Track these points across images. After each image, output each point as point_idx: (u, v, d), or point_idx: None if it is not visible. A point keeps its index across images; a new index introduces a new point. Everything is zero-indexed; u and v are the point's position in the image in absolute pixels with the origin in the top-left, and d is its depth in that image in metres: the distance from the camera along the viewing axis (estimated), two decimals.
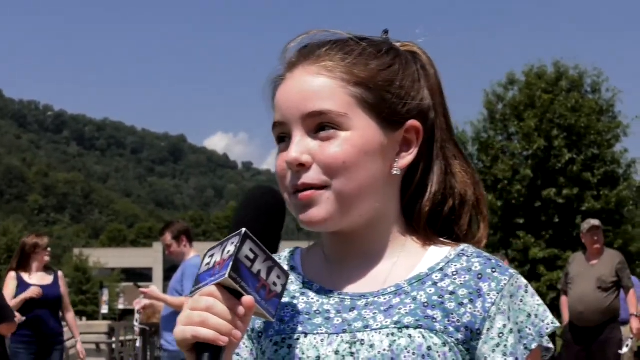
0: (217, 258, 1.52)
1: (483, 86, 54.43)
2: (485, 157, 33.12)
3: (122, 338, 21.79)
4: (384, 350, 1.60)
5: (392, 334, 1.61)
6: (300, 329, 1.69)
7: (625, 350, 10.41)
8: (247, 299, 1.50)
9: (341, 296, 1.72)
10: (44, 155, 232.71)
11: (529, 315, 1.69)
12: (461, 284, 1.68)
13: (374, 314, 1.66)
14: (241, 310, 1.50)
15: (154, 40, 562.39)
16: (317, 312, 1.71)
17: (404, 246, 1.76)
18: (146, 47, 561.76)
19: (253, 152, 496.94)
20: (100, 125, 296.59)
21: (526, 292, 1.71)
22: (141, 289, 8.68)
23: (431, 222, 1.78)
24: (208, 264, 1.54)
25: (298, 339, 1.67)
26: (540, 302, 1.72)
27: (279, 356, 1.67)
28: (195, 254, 9.25)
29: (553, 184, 32.00)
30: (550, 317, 1.71)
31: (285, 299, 1.73)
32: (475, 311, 1.65)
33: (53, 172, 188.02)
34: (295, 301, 1.74)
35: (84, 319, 47.93)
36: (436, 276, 1.70)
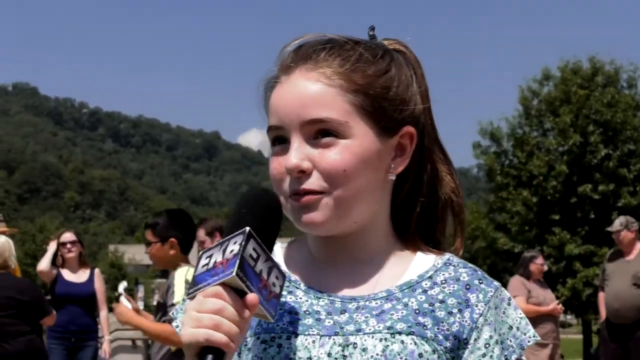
0: (218, 258, 1.49)
1: (518, 82, 54.12)
2: (521, 153, 33.06)
3: None
4: (377, 354, 1.61)
5: (385, 339, 1.62)
6: (290, 328, 1.67)
7: None
8: (251, 296, 1.48)
9: (331, 298, 1.71)
10: (80, 152, 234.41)
11: (511, 327, 1.72)
12: (450, 293, 1.70)
13: (365, 317, 1.66)
14: (247, 313, 1.48)
15: (188, 38, 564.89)
16: (307, 312, 1.70)
17: (392, 251, 1.77)
18: (181, 45, 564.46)
19: None
20: (135, 122, 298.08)
21: (509, 304, 1.74)
22: None
23: (416, 227, 1.80)
24: (206, 264, 1.50)
25: (288, 338, 1.66)
26: (523, 315, 1.75)
27: (267, 355, 1.66)
28: None
29: (589, 180, 31.87)
30: (532, 330, 1.74)
31: None
32: (463, 321, 1.67)
33: (89, 169, 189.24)
34: (282, 299, 1.71)
35: None
36: (426, 284, 1.72)
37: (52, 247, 10.07)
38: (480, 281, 1.72)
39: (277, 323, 1.68)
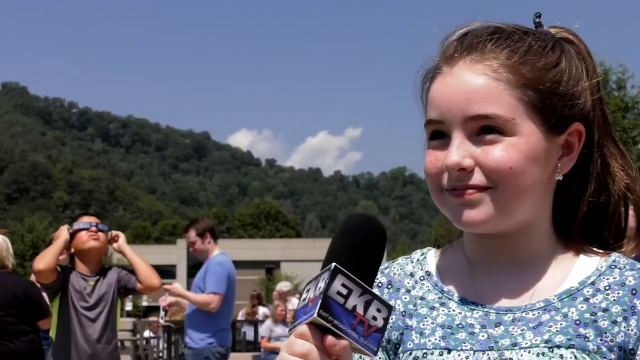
0: (311, 294, 1.39)
1: None
2: None
3: (146, 335, 21.90)
4: None
5: (543, 354, 1.53)
6: (442, 343, 1.61)
7: None
8: (329, 340, 1.33)
9: (485, 309, 1.63)
10: (69, 152, 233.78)
11: None
12: (614, 300, 1.58)
13: (522, 330, 1.58)
14: (335, 355, 1.35)
15: (177, 38, 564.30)
16: (460, 325, 1.62)
17: (554, 254, 1.68)
18: (170, 44, 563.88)
19: (277, 149, 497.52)
20: (124, 122, 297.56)
21: None
22: (164, 286, 8.70)
23: (581, 226, 1.70)
24: (304, 299, 1.41)
25: (441, 354, 1.60)
26: None
27: None
28: (220, 252, 9.25)
29: None
30: None
31: (423, 310, 1.67)
32: (629, 330, 1.55)
33: (78, 169, 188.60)
34: (434, 312, 1.66)
35: None
36: (587, 291, 1.61)
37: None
38: None
39: (429, 338, 1.63)
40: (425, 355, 1.61)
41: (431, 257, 1.78)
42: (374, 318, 1.38)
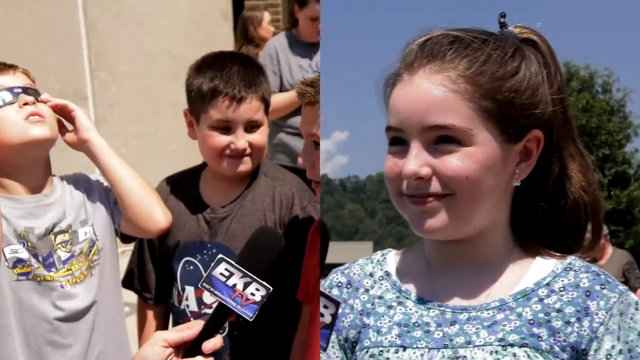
0: None
1: None
2: None
3: None
4: None
5: (496, 352, 1.56)
6: (398, 341, 1.64)
7: None
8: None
9: (441, 308, 1.66)
10: None
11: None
12: (568, 301, 1.61)
13: (476, 329, 1.61)
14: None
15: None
16: (416, 324, 1.66)
17: (511, 257, 1.70)
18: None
19: None
20: None
21: (636, 309, 1.61)
22: None
23: (537, 229, 1.72)
24: None
25: (396, 352, 1.63)
26: None
27: None
28: None
29: None
30: None
31: (381, 308, 1.71)
32: (582, 330, 1.58)
33: None
34: (392, 311, 1.69)
35: None
36: (542, 292, 1.64)
37: None
38: (603, 286, 1.61)
39: (385, 336, 1.66)
40: (381, 353, 1.64)
41: (391, 258, 1.81)
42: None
